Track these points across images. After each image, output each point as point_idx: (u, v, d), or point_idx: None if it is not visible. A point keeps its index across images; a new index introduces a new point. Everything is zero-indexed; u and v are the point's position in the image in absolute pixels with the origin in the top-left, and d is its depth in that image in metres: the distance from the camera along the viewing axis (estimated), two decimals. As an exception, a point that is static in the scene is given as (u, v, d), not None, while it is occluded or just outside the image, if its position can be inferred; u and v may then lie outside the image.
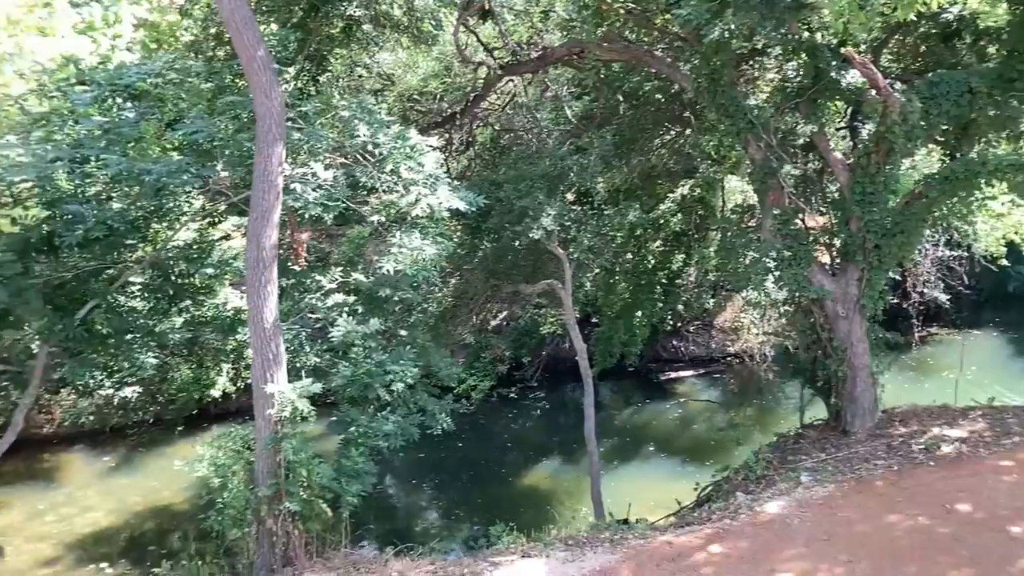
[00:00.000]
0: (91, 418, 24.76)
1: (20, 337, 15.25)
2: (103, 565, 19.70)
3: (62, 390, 22.40)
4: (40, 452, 23.76)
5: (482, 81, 21.35)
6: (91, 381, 16.21)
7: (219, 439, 13.44)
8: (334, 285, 15.36)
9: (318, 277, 15.36)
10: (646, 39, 18.50)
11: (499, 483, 22.71)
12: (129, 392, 17.49)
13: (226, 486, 12.62)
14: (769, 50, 16.91)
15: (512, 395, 27.38)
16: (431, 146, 14.34)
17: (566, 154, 18.28)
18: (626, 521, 16.25)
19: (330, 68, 18.36)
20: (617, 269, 21.89)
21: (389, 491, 22.59)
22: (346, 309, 14.77)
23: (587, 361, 18.30)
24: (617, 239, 20.05)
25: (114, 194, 14.38)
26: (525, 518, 17.57)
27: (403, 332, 15.47)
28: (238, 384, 23.98)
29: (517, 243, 17.34)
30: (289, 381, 12.77)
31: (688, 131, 21.01)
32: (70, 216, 13.13)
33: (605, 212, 19.02)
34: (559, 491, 21.79)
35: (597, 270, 21.24)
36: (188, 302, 15.57)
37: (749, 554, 11.74)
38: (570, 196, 19.92)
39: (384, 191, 14.04)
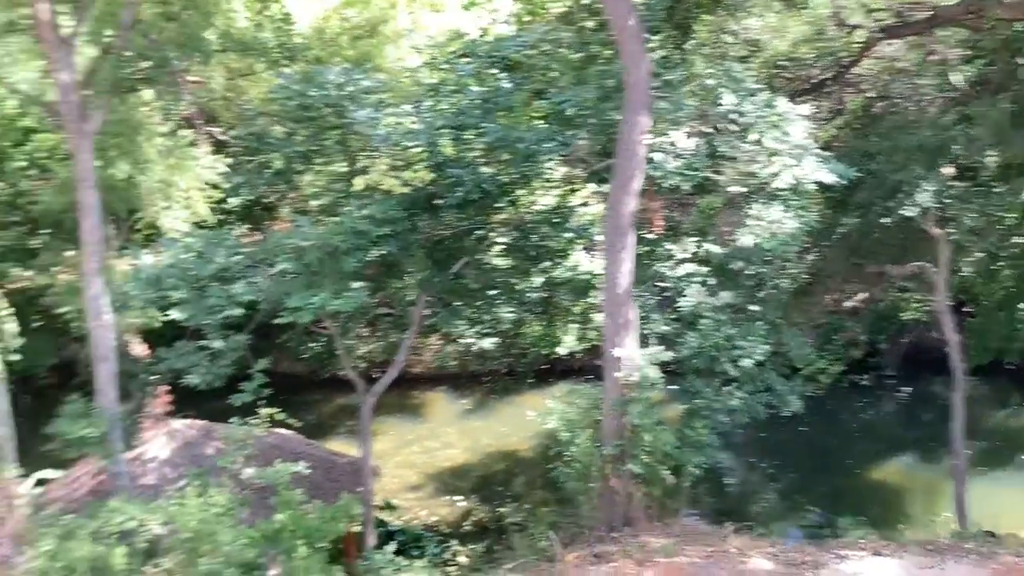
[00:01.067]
0: (453, 363, 27.19)
1: (403, 286, 17.07)
2: (457, 498, 21.65)
3: (432, 336, 24.71)
4: (410, 389, 26.47)
5: (858, 45, 19.87)
6: (457, 329, 17.75)
7: (569, 395, 14.10)
8: (686, 255, 15.28)
9: (670, 246, 15.38)
10: (1061, -8, 16.08)
11: (844, 473, 21.49)
12: (488, 343, 18.79)
13: (574, 441, 13.23)
14: None
15: (864, 383, 25.58)
16: (800, 115, 13.66)
17: (950, 124, 16.54)
18: (993, 534, 14.62)
19: (695, 35, 18.13)
20: (1003, 254, 19.46)
21: (725, 466, 22.25)
22: (697, 280, 14.65)
23: (959, 354, 16.59)
24: (1006, 220, 17.81)
25: (488, 160, 15.46)
26: (872, 513, 16.54)
27: (754, 307, 15.01)
28: (583, 344, 24.96)
29: (886, 220, 16.06)
30: (638, 348, 13.02)
31: (1106, 99, 18.00)
32: (451, 179, 14.33)
33: (994, 190, 16.97)
34: (913, 490, 20.14)
35: (978, 254, 19.04)
36: (547, 263, 16.38)
37: None
38: (950, 170, 18.00)
39: (745, 161, 13.68)
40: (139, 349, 19.85)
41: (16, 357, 10.11)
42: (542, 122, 15.89)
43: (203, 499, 11.32)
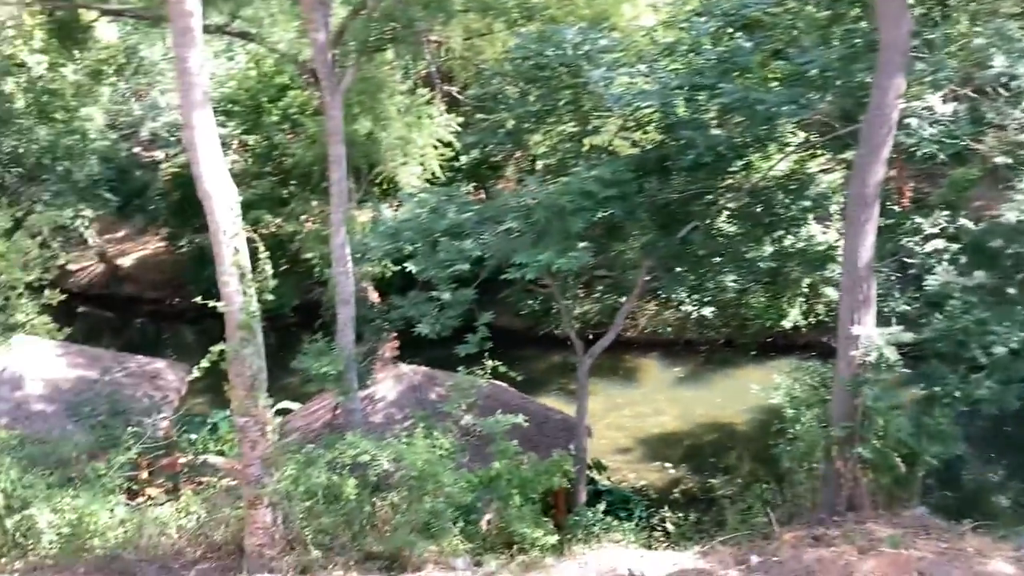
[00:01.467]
0: (669, 329, 26.90)
1: (625, 249, 16.99)
2: (667, 464, 21.51)
3: (649, 301, 24.53)
4: (623, 353, 26.44)
5: None
6: (677, 296, 17.49)
7: (796, 372, 13.55)
8: (935, 230, 14.17)
9: (918, 220, 14.31)
10: None
11: (1105, 480, 19.38)
12: (708, 311, 18.43)
13: (798, 420, 12.70)
14: None
15: None
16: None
17: None
18: None
19: (961, -11, 16.61)
20: None
21: (963, 458, 20.65)
22: (946, 257, 13.56)
23: None
24: None
25: (721, 122, 14.99)
26: None
27: (1012, 290, 13.70)
28: (809, 319, 23.96)
29: None
30: (876, 326, 12.26)
31: None
32: (683, 141, 14.01)
33: None
34: None
35: None
36: (780, 232, 15.73)
37: None
38: None
39: (1015, 129, 12.43)
40: (373, 296, 21.13)
41: (270, 297, 10.96)
42: (778, 84, 15.19)
43: (429, 441, 11.87)
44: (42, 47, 27.21)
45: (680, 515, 16.68)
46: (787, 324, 22.24)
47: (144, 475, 15.77)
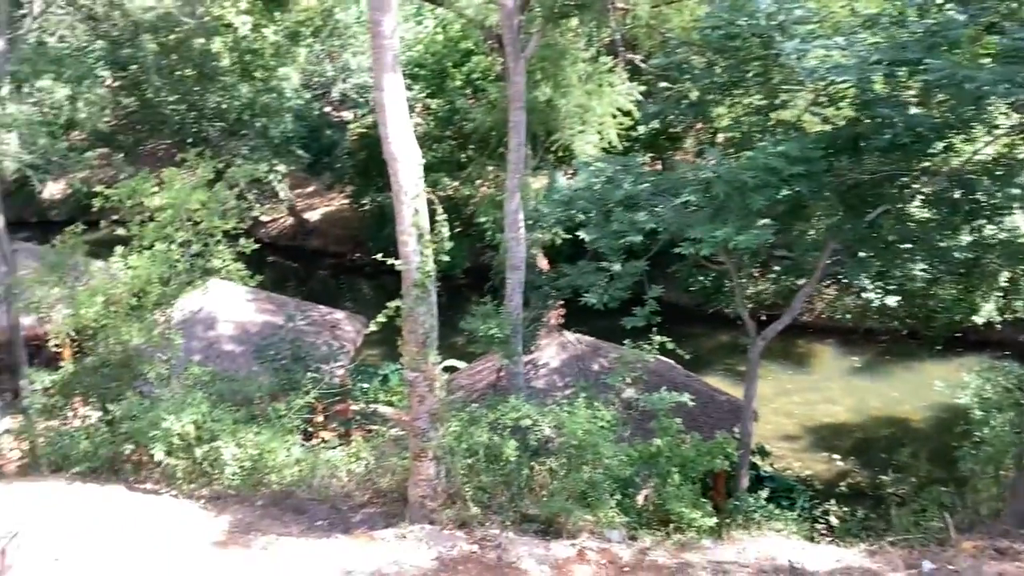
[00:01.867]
0: (848, 316, 25.69)
1: (807, 230, 16.26)
2: (835, 456, 20.67)
3: (828, 285, 23.52)
4: (796, 337, 25.57)
5: None
6: (860, 282, 16.59)
7: (988, 371, 12.63)
8: None
9: None
10: None
11: None
12: (892, 300, 17.41)
13: (987, 422, 11.87)
14: None
15: None
16: None
17: None
18: None
19: None
20: None
21: None
22: None
23: None
24: None
25: (921, 100, 13.98)
26: None
27: None
28: (1004, 316, 22.26)
29: None
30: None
31: None
32: (879, 120, 13.18)
33: None
34: None
35: None
36: (981, 221, 14.57)
37: None
38: None
39: None
40: (543, 263, 21.26)
41: (444, 258, 11.20)
42: (991, 60, 13.97)
43: (590, 411, 11.86)
44: (247, 8, 28.88)
45: (846, 510, 16.02)
46: (979, 319, 20.70)
47: (319, 419, 16.57)
